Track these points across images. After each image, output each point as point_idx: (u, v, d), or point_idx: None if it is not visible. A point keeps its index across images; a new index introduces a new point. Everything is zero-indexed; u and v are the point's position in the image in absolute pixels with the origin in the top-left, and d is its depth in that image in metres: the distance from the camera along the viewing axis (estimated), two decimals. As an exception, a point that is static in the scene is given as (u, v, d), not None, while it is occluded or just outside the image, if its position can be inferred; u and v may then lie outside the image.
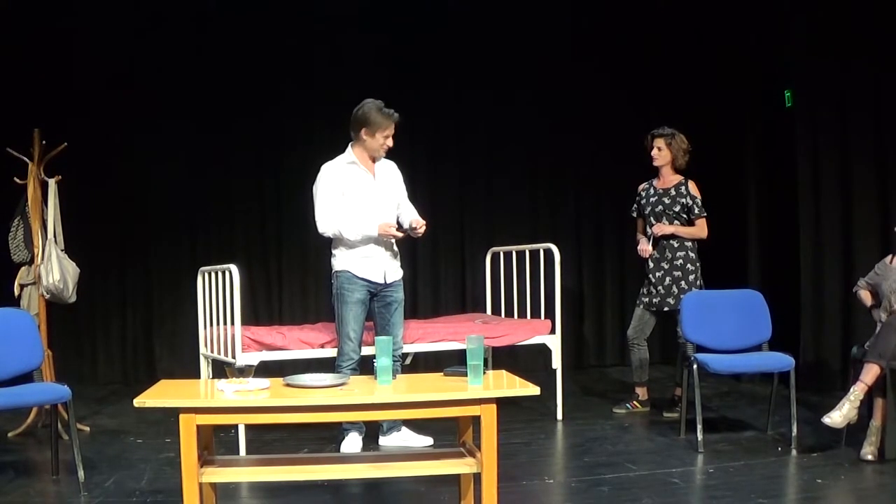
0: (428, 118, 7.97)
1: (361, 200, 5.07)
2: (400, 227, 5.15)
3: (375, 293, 5.16)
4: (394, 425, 5.27)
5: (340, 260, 5.12)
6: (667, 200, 5.98)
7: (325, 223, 5.07)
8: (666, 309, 5.96)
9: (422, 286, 8.09)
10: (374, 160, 5.14)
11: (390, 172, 5.26)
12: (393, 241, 5.16)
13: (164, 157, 7.55)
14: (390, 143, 5.10)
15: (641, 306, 6.09)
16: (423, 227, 5.12)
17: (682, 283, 5.90)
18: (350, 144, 5.15)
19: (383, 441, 5.27)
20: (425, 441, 5.25)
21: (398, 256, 5.27)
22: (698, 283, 5.95)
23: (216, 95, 7.61)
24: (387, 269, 5.15)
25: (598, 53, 8.12)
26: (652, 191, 6.08)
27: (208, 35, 7.59)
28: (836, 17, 6.55)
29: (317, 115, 7.73)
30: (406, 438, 5.27)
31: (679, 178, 6.04)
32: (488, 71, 7.98)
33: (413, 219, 5.16)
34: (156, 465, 4.87)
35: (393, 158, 5.30)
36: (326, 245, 8.13)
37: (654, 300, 5.99)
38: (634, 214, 6.20)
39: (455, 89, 8.01)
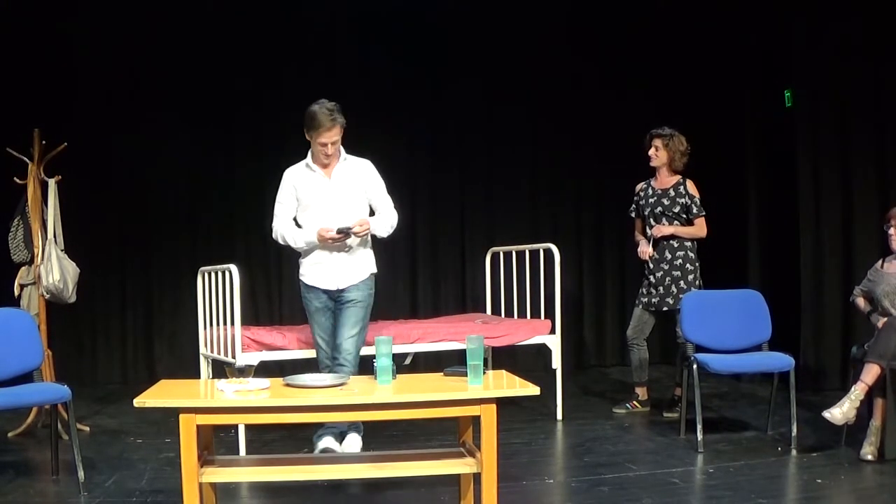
0: (428, 118, 7.98)
1: (314, 205, 4.83)
2: (340, 228, 4.73)
3: (334, 298, 4.89)
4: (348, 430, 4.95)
5: (301, 266, 4.96)
6: (666, 201, 5.98)
7: (276, 231, 4.94)
8: (665, 309, 5.96)
9: (422, 286, 8.10)
10: (324, 165, 4.83)
11: (354, 171, 4.88)
12: (356, 243, 4.83)
13: (164, 158, 7.54)
14: (329, 150, 4.72)
15: (640, 306, 6.08)
16: (363, 229, 4.74)
17: (682, 282, 5.90)
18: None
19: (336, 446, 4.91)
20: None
21: (363, 258, 4.90)
22: (697, 282, 5.95)
23: (216, 96, 7.60)
24: (339, 275, 4.84)
25: (597, 53, 8.12)
26: (650, 191, 6.08)
27: (209, 35, 7.58)
28: (836, 17, 6.55)
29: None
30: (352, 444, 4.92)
31: (677, 177, 6.03)
32: (488, 71, 7.98)
33: (359, 220, 4.77)
34: (156, 465, 4.87)
35: (394, 158, 5.29)
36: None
37: (654, 300, 5.99)
38: (633, 215, 6.19)
39: (455, 90, 8.00)
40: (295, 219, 4.95)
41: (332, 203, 4.82)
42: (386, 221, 4.92)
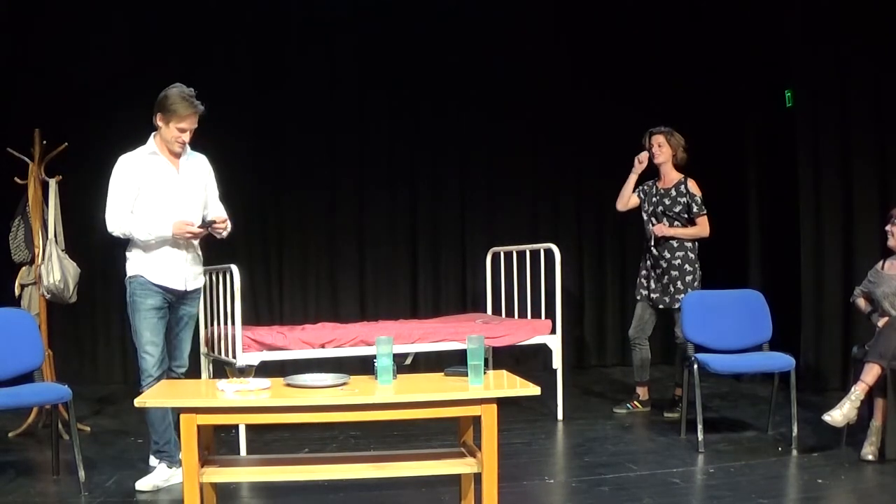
0: (429, 118, 7.98)
1: (161, 196, 4.54)
2: (204, 221, 4.60)
3: (171, 303, 4.63)
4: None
5: (134, 264, 4.58)
6: (667, 202, 5.98)
7: (114, 222, 4.54)
8: (661, 307, 5.97)
9: (422, 286, 8.09)
10: (175, 154, 4.60)
11: (198, 167, 4.70)
12: (195, 243, 4.66)
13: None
14: (186, 137, 4.53)
15: (641, 299, 6.09)
16: (227, 226, 4.62)
17: (679, 283, 5.90)
18: (153, 134, 4.64)
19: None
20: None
21: (200, 262, 4.75)
22: (695, 283, 5.94)
23: (215, 95, 7.52)
24: (187, 275, 4.61)
25: (597, 54, 8.12)
26: (654, 189, 6.09)
27: (208, 35, 7.59)
28: (836, 17, 6.55)
29: (317, 117, 7.74)
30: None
31: (679, 176, 6.03)
32: (488, 72, 7.98)
33: (217, 214, 4.67)
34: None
35: (394, 158, 5.27)
36: (330, 243, 8.06)
37: (653, 295, 6.01)
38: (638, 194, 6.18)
39: (456, 90, 8.00)
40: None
41: (180, 197, 4.58)
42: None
